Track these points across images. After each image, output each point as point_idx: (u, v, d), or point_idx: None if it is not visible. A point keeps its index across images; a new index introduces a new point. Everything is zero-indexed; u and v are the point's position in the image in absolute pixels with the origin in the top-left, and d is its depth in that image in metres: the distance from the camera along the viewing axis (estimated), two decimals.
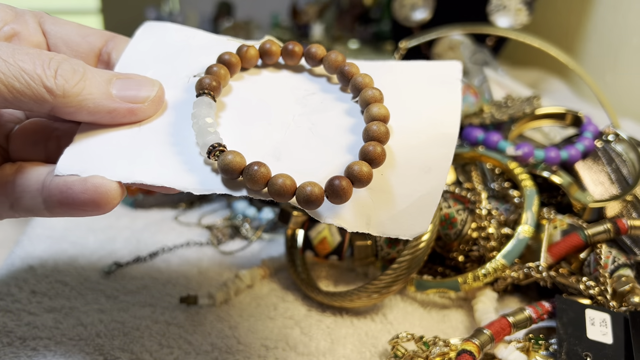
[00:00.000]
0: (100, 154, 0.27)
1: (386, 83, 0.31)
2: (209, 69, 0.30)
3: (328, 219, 0.26)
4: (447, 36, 0.79)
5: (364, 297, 0.38)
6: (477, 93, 0.54)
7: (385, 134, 0.27)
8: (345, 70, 0.31)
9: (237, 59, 0.31)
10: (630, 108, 0.87)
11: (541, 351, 0.35)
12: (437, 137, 0.30)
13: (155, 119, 0.29)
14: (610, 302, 0.37)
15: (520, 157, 0.47)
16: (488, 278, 0.39)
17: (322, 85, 0.32)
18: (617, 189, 0.45)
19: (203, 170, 0.27)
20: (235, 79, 0.32)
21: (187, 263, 0.46)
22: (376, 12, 1.40)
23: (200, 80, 0.29)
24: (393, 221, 0.27)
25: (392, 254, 0.42)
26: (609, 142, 0.49)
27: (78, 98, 0.27)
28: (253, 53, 0.32)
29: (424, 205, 0.27)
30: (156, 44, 0.33)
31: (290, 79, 0.33)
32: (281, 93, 0.32)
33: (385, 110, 0.29)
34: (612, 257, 0.39)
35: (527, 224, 0.40)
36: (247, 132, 0.29)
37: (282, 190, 0.25)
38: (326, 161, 0.28)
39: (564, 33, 1.06)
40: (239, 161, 0.26)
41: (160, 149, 0.28)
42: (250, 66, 0.33)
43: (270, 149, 0.28)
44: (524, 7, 0.78)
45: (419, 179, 0.28)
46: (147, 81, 0.29)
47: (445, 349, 0.35)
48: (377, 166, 0.27)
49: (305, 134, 0.29)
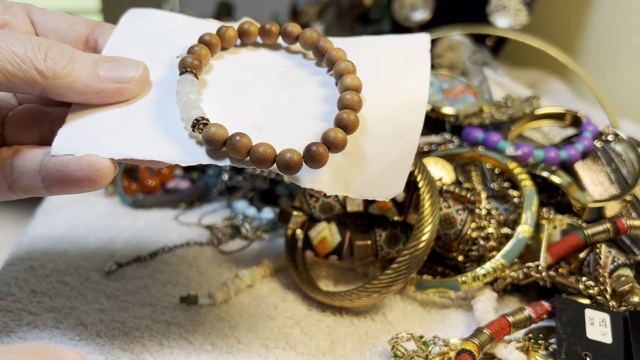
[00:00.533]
0: (92, 133, 0.29)
1: (359, 56, 0.33)
2: (191, 49, 0.32)
3: (307, 184, 0.28)
4: (446, 36, 0.79)
5: (363, 297, 0.38)
6: (477, 93, 0.54)
7: (358, 102, 0.29)
8: (319, 46, 0.33)
9: (217, 39, 0.33)
10: (629, 108, 0.87)
11: (541, 351, 0.35)
12: (408, 104, 0.32)
13: (142, 98, 0.31)
14: (609, 301, 0.37)
15: (520, 157, 0.47)
16: (488, 278, 0.39)
17: (298, 61, 0.34)
18: (617, 189, 0.45)
19: (188, 143, 0.28)
20: (216, 58, 0.34)
21: (187, 263, 0.46)
22: (376, 13, 1.40)
23: (182, 60, 0.31)
24: (369, 184, 0.29)
25: (391, 254, 0.42)
26: (609, 142, 0.49)
27: (68, 79, 0.28)
28: (232, 33, 0.34)
29: (398, 169, 0.29)
30: (140, 29, 0.34)
31: (268, 57, 0.34)
32: (260, 70, 0.33)
33: (358, 81, 0.30)
34: (612, 257, 0.39)
35: (527, 223, 0.40)
36: (228, 107, 0.31)
37: (263, 158, 0.27)
38: (304, 130, 0.30)
39: (563, 33, 1.06)
40: (222, 133, 0.27)
41: (148, 126, 0.29)
42: (229, 46, 0.34)
43: (251, 121, 0.30)
44: (523, 8, 0.78)
45: (392, 144, 0.30)
46: (132, 62, 0.30)
47: (445, 349, 0.35)
48: (351, 132, 0.28)
49: (284, 106, 0.31)
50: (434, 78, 0.55)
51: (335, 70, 0.31)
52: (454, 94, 0.54)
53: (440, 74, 0.56)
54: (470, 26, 0.63)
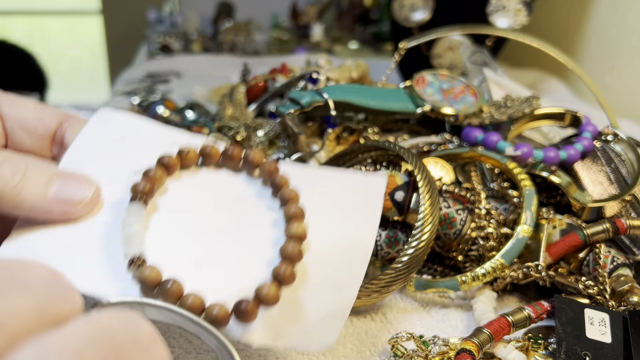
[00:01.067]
0: (35, 251, 0.28)
1: (312, 192, 0.33)
2: (146, 173, 0.31)
3: (236, 335, 0.28)
4: (446, 37, 0.80)
5: (363, 297, 0.38)
6: (477, 93, 0.55)
7: (298, 254, 0.29)
8: (276, 182, 0.32)
9: (176, 160, 0.32)
10: (629, 108, 0.87)
11: (540, 350, 0.36)
12: (352, 253, 0.32)
13: (93, 217, 0.30)
14: (609, 301, 0.37)
15: (519, 157, 0.47)
16: (487, 277, 0.39)
17: (257, 189, 0.33)
18: (616, 189, 0.45)
19: (126, 278, 0.28)
20: (175, 178, 0.33)
21: None
22: (376, 13, 1.41)
23: (134, 185, 0.30)
24: (301, 335, 0.29)
25: (391, 254, 0.42)
26: (608, 142, 0.49)
27: (16, 199, 0.28)
28: (193, 156, 0.33)
29: (333, 321, 0.29)
30: (107, 134, 0.33)
31: (228, 181, 0.34)
32: (216, 198, 0.33)
33: (303, 230, 0.30)
34: (611, 256, 0.39)
35: (526, 223, 0.40)
36: (173, 241, 0.30)
37: (191, 309, 0.27)
38: (244, 275, 0.30)
39: (563, 34, 1.06)
40: (154, 276, 0.27)
41: (92, 251, 0.29)
42: (190, 165, 0.33)
43: (193, 261, 0.30)
44: (523, 8, 0.78)
45: (329, 297, 0.30)
46: (85, 182, 0.30)
47: (445, 348, 0.35)
48: (287, 285, 0.29)
49: (230, 246, 0.31)
50: (434, 78, 0.55)
51: (285, 213, 0.31)
52: (453, 94, 0.54)
53: (440, 74, 0.56)
54: (470, 26, 0.63)
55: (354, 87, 0.52)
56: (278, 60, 1.10)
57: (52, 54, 2.52)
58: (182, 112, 0.70)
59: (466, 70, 0.71)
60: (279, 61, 1.08)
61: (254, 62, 1.10)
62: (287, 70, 0.66)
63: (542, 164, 0.46)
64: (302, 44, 1.31)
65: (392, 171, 0.41)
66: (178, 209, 0.32)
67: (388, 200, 0.40)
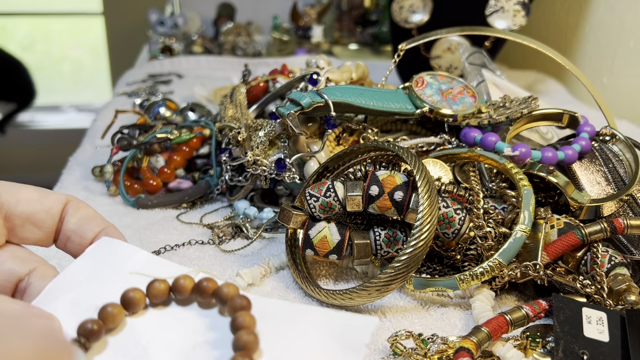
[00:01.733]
0: None
1: (280, 338, 0.28)
2: (103, 309, 0.29)
3: None
4: (445, 38, 0.80)
5: (363, 295, 0.39)
6: (475, 94, 0.55)
7: None
8: (237, 322, 0.28)
9: (141, 295, 0.30)
10: (626, 109, 0.87)
11: (538, 349, 0.36)
12: None
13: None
14: (606, 300, 0.38)
15: (518, 157, 0.47)
16: (486, 276, 0.39)
17: (211, 320, 0.30)
18: (614, 189, 0.46)
19: None
20: (139, 314, 0.30)
21: (188, 262, 0.46)
22: (375, 15, 1.41)
23: (82, 324, 0.28)
24: None
25: (391, 253, 0.42)
26: (606, 142, 0.49)
27: None
28: (162, 290, 0.30)
29: None
30: (97, 265, 0.32)
31: (180, 317, 0.30)
32: (172, 338, 0.29)
33: None
34: (609, 256, 0.40)
35: (524, 223, 0.41)
36: None
37: None
38: None
39: (561, 35, 1.06)
40: None
41: None
42: (158, 300, 0.31)
43: None
44: (521, 9, 0.78)
45: None
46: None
47: (444, 347, 0.36)
48: None
49: None
50: (433, 79, 0.56)
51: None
52: (452, 95, 0.54)
53: (438, 75, 0.56)
54: (469, 28, 0.63)
55: (354, 88, 0.52)
56: (278, 62, 1.10)
57: (54, 55, 2.52)
58: (184, 112, 0.71)
59: (465, 71, 0.72)
60: (279, 62, 1.08)
61: (255, 63, 1.10)
62: (287, 71, 0.66)
63: (540, 164, 0.47)
64: (302, 45, 1.31)
65: (392, 171, 0.42)
66: (125, 352, 0.28)
67: (387, 200, 0.40)
